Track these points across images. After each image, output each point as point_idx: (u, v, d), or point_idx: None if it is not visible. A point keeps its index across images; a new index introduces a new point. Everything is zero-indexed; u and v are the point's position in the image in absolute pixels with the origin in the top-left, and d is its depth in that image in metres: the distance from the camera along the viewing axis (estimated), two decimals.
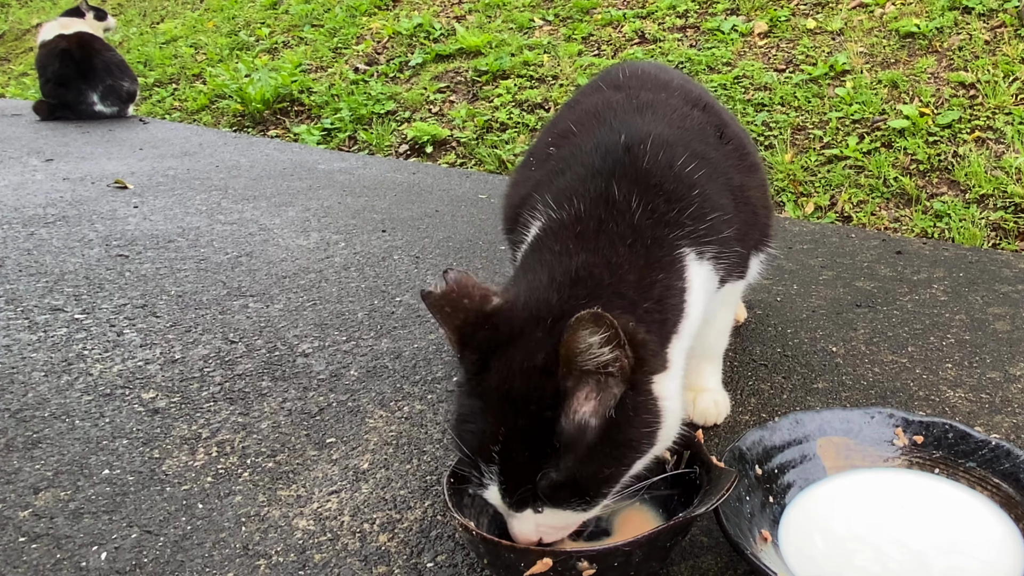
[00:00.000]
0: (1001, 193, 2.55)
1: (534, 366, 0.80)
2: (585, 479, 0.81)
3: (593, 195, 0.98)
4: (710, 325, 1.18)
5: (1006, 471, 1.00)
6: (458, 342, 0.84)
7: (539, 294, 0.87)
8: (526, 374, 0.80)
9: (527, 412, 0.79)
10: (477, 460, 0.81)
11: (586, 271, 0.89)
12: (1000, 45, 3.23)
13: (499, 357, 0.82)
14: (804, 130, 3.12)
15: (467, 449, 0.82)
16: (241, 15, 6.24)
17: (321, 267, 2.00)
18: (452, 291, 0.85)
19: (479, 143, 3.68)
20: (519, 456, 0.80)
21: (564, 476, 0.79)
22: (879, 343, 1.53)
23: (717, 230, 1.02)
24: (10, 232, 2.25)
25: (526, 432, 0.79)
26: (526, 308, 0.86)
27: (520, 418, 0.79)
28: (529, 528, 0.84)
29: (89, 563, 0.96)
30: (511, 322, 0.84)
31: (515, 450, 0.80)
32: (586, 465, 0.80)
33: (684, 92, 1.20)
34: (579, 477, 0.80)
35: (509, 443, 0.79)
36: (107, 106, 4.50)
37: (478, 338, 0.84)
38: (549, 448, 0.79)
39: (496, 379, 0.81)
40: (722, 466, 0.93)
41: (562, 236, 0.95)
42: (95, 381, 1.40)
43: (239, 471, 1.15)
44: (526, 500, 0.81)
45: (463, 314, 0.84)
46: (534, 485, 0.80)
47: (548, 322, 0.83)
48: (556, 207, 0.99)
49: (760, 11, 4.03)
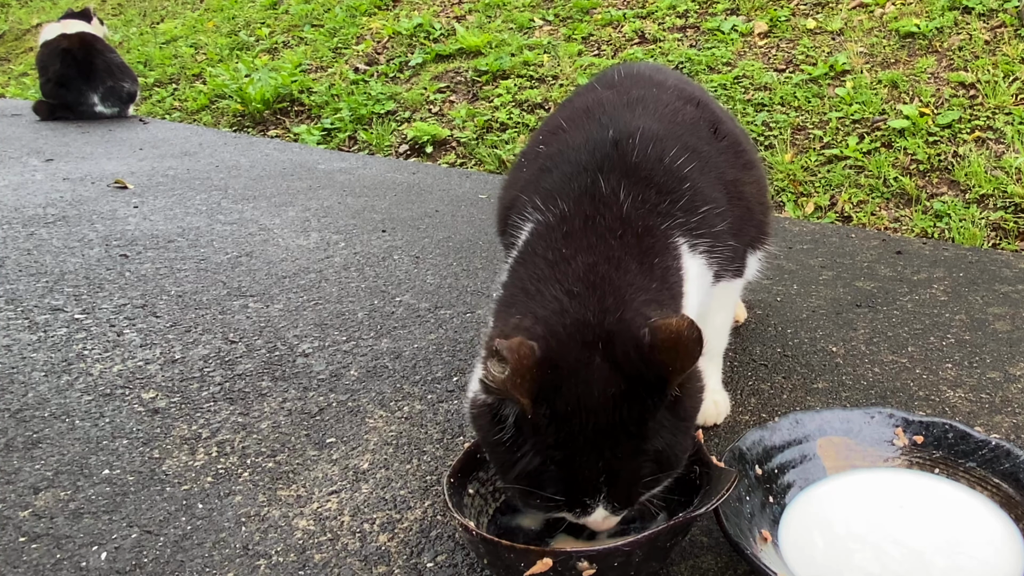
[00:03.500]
0: (1001, 193, 2.54)
1: (614, 395, 0.81)
2: (676, 458, 0.86)
3: (583, 191, 0.98)
4: (709, 324, 1.18)
5: (1006, 471, 1.00)
6: (532, 403, 0.80)
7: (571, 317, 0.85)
8: (609, 405, 0.80)
9: (625, 437, 0.81)
10: (577, 498, 0.82)
11: (595, 274, 0.89)
12: (1000, 45, 3.23)
13: (565, 399, 0.80)
14: (804, 130, 3.12)
15: (558, 494, 0.82)
16: (241, 15, 6.24)
17: (321, 267, 2.00)
18: (516, 362, 0.78)
19: (479, 143, 3.68)
20: (626, 475, 0.82)
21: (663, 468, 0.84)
22: (879, 343, 1.53)
23: (709, 223, 1.02)
24: (10, 232, 2.25)
25: (627, 453, 0.82)
26: (569, 339, 0.83)
27: (618, 446, 0.81)
28: (613, 521, 0.87)
29: (89, 563, 0.96)
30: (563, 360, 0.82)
31: (621, 472, 0.82)
32: (674, 447, 0.84)
33: (678, 90, 1.19)
34: (672, 460, 0.85)
35: (613, 470, 0.81)
36: (107, 107, 4.50)
37: (540, 390, 0.80)
38: (647, 453, 0.82)
39: (576, 420, 0.80)
40: (722, 466, 0.93)
41: (557, 238, 0.95)
42: (95, 381, 1.40)
43: (239, 471, 1.15)
44: (631, 501, 0.85)
45: (528, 375, 0.79)
46: (640, 489, 0.84)
47: (600, 347, 0.83)
48: (547, 206, 0.99)
49: (760, 11, 4.03)
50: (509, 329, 0.86)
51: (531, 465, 0.81)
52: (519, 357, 0.78)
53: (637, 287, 0.89)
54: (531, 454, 0.81)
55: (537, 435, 0.81)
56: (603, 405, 0.80)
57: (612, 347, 0.82)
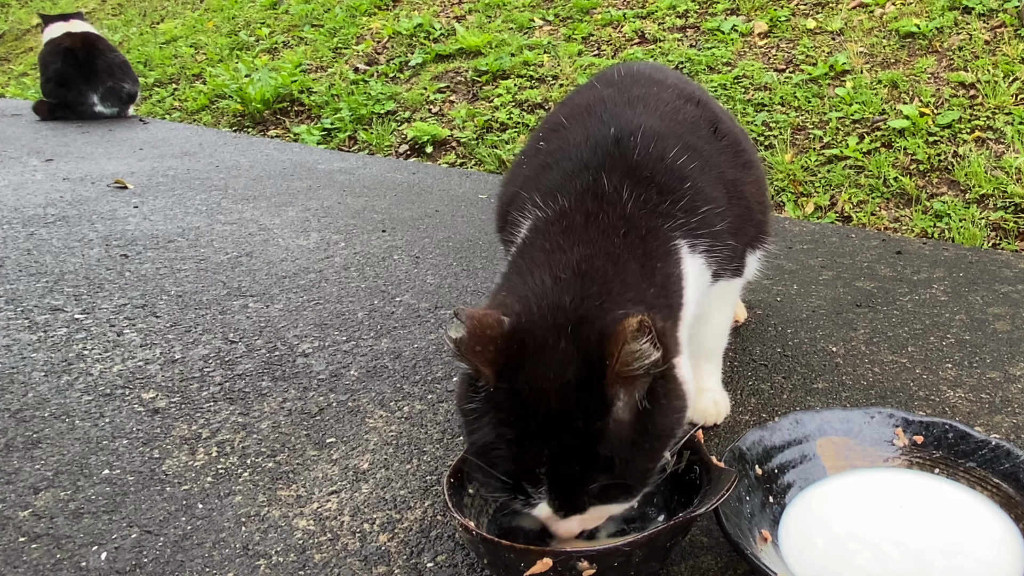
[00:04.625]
0: (1001, 193, 2.54)
1: (569, 381, 0.78)
2: (633, 475, 0.82)
3: (584, 188, 0.97)
4: (708, 324, 1.18)
5: (1006, 471, 1.00)
6: (494, 375, 0.80)
7: (549, 299, 0.84)
8: (562, 391, 0.78)
9: (572, 429, 0.78)
10: (521, 484, 0.80)
11: (588, 265, 0.88)
12: (1000, 45, 3.23)
13: (525, 377, 0.79)
14: (804, 130, 3.12)
15: (505, 475, 0.80)
16: (241, 15, 6.24)
17: (321, 267, 2.00)
18: (475, 328, 0.79)
19: (479, 143, 3.68)
20: (568, 471, 0.79)
21: (614, 478, 0.80)
22: (879, 343, 1.53)
23: (709, 223, 1.02)
24: (10, 232, 2.25)
25: (573, 448, 0.79)
26: (541, 318, 0.83)
27: (565, 436, 0.78)
28: (574, 526, 0.84)
29: (89, 563, 0.96)
30: (531, 337, 0.81)
31: (564, 466, 0.79)
32: (633, 462, 0.81)
33: (678, 89, 1.19)
34: (628, 475, 0.81)
35: (557, 461, 0.79)
36: (107, 107, 4.50)
37: (506, 364, 0.80)
38: (596, 456, 0.79)
39: (529, 401, 0.79)
40: (722, 466, 0.93)
41: (556, 232, 0.94)
42: (95, 381, 1.40)
43: (239, 471, 1.15)
44: (577, 507, 0.82)
45: (492, 345, 0.79)
46: (586, 493, 0.80)
47: (568, 330, 0.81)
48: (547, 202, 0.99)
49: (760, 11, 4.03)
50: (492, 304, 0.86)
51: (486, 438, 0.81)
52: (480, 325, 0.78)
53: (629, 285, 0.88)
54: (488, 427, 0.81)
55: (496, 410, 0.80)
56: (557, 390, 0.78)
57: (580, 333, 0.81)
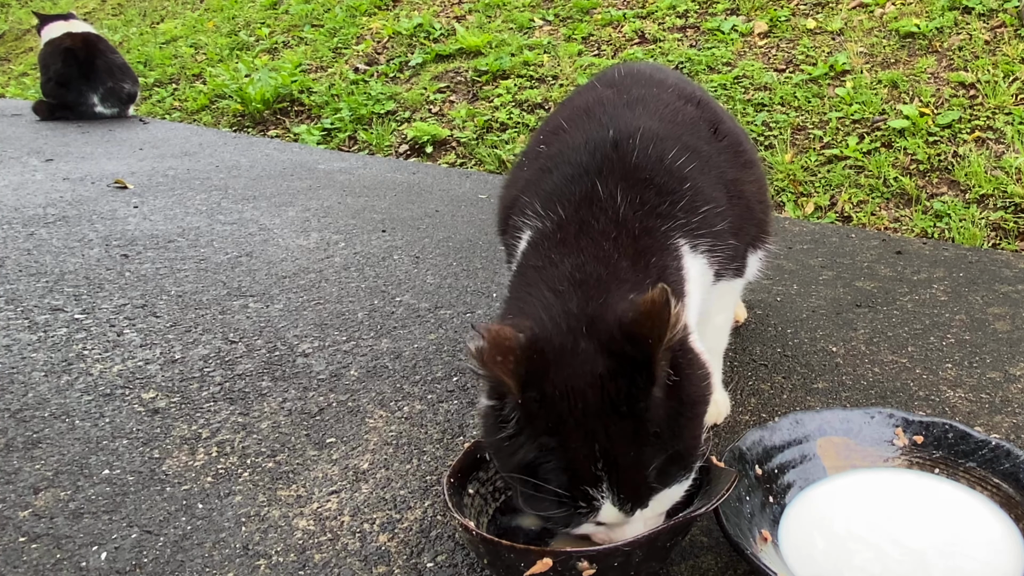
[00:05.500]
0: (1001, 193, 2.54)
1: (601, 374, 0.79)
2: (685, 446, 0.83)
3: (583, 195, 0.98)
4: (709, 324, 1.18)
5: (1006, 471, 1.00)
6: (518, 386, 0.79)
7: (557, 308, 0.86)
8: (598, 384, 0.79)
9: (618, 415, 0.79)
10: (580, 488, 0.79)
11: (590, 271, 0.89)
12: (1000, 45, 3.23)
13: (553, 382, 0.80)
14: (804, 130, 3.12)
15: (560, 486, 0.80)
16: (241, 15, 6.24)
17: (321, 267, 2.00)
18: (493, 340, 0.78)
19: (479, 143, 3.68)
20: (625, 458, 0.79)
21: (670, 455, 0.81)
22: (879, 343, 1.53)
23: (710, 223, 1.02)
24: (10, 232, 2.25)
25: (624, 434, 0.79)
26: (554, 327, 0.84)
27: (612, 425, 0.79)
28: (639, 527, 0.84)
29: (89, 563, 0.96)
30: (548, 345, 0.82)
31: (620, 455, 0.79)
32: (681, 434, 0.82)
33: (678, 89, 1.20)
34: (681, 448, 0.82)
35: (612, 452, 0.79)
36: (107, 107, 4.51)
37: (528, 374, 0.79)
38: (647, 436, 0.80)
39: (565, 403, 0.79)
40: (722, 466, 0.93)
41: (556, 244, 0.95)
42: (95, 381, 1.40)
43: (239, 471, 1.15)
44: (641, 496, 0.82)
45: (511, 356, 0.79)
46: (647, 480, 0.81)
47: (583, 331, 0.82)
48: (547, 211, 0.99)
49: (760, 11, 4.03)
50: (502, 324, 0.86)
51: (528, 457, 0.80)
52: (498, 337, 0.78)
53: (628, 281, 0.89)
54: (526, 445, 0.80)
55: (531, 424, 0.80)
56: (591, 385, 0.79)
57: (595, 329, 0.82)
